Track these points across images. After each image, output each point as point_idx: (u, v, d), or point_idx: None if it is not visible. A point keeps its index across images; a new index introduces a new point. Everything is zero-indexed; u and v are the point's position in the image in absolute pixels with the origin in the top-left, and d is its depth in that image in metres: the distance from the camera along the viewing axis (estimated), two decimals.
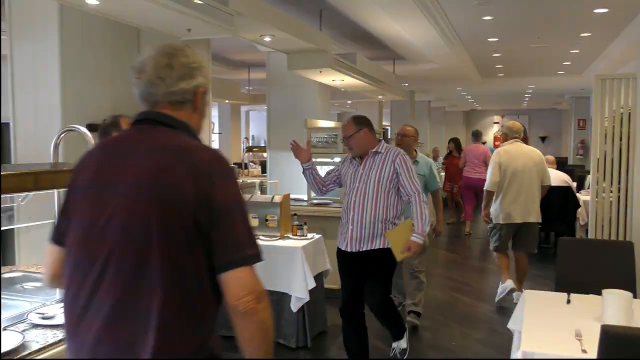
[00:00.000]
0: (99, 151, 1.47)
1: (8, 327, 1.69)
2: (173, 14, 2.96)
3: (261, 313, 1.32)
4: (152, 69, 1.40)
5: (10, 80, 3.64)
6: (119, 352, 1.25)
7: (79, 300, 1.30)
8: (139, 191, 1.29)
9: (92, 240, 1.31)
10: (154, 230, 1.26)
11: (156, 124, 1.41)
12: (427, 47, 7.26)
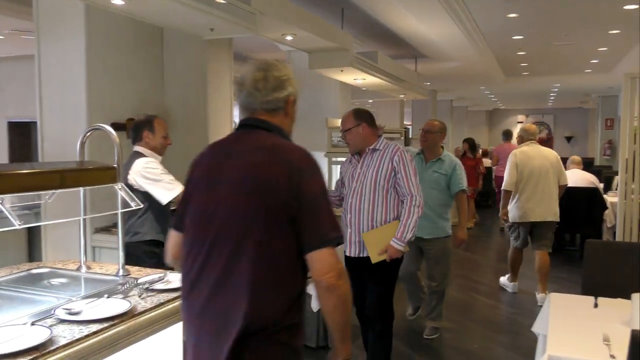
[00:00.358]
0: (210, 151, 1.75)
1: (36, 322, 1.71)
2: (196, 14, 2.98)
3: (341, 288, 1.56)
4: (250, 82, 1.67)
5: (37, 80, 3.71)
6: (221, 313, 1.54)
7: (193, 272, 1.61)
8: (241, 184, 1.57)
9: (203, 225, 1.61)
10: (252, 217, 1.53)
11: (255, 128, 1.68)
12: (450, 45, 7.18)
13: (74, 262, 2.59)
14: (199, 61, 4.17)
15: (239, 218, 1.55)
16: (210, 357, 1.56)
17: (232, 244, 1.55)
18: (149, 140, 3.16)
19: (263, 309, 1.52)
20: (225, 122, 4.43)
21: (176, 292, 2.13)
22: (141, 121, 3.23)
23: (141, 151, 3.15)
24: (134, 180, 3.03)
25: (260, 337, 1.52)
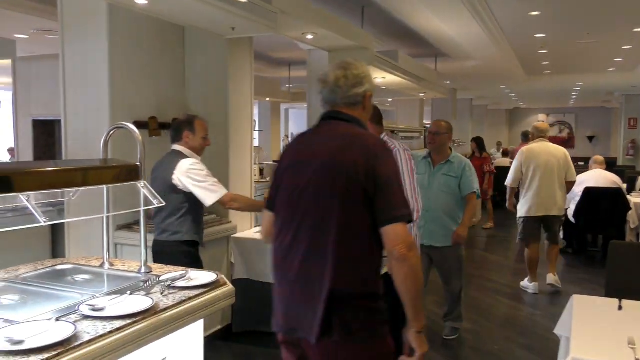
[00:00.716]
0: (297, 139, 2.03)
1: (61, 318, 1.74)
2: (218, 13, 3.00)
3: (411, 259, 1.71)
4: (333, 80, 1.90)
5: (61, 78, 3.76)
6: (310, 282, 1.77)
7: (284, 246, 1.85)
8: (325, 168, 1.80)
9: (293, 204, 1.84)
10: (335, 196, 1.75)
11: (336, 120, 1.92)
12: (470, 43, 7.12)
13: (97, 259, 2.63)
14: (220, 60, 4.19)
15: (323, 197, 1.78)
16: (301, 320, 1.79)
17: (317, 221, 1.78)
18: (189, 140, 3.18)
19: (348, 278, 1.74)
20: (245, 120, 4.45)
21: (197, 289, 2.15)
22: (182, 121, 3.24)
23: (181, 151, 3.17)
24: (179, 180, 3.05)
25: (347, 302, 1.74)
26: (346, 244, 1.75)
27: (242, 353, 3.92)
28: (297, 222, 1.82)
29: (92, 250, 3.54)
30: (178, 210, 3.10)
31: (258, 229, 4.39)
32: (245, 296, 3.91)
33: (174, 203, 3.10)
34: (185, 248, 3.14)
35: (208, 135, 3.28)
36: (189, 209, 3.11)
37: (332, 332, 1.72)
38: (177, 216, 3.12)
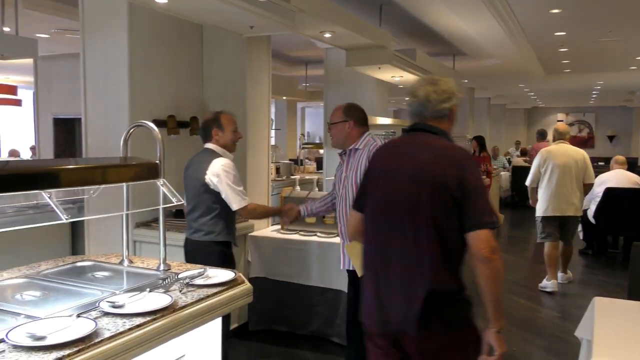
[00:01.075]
0: (385, 149, 2.21)
1: (81, 315, 1.75)
2: (237, 11, 3.00)
3: (495, 262, 1.85)
4: (423, 94, 2.04)
5: (82, 77, 3.80)
6: (408, 280, 1.91)
7: (376, 246, 2.03)
8: (416, 176, 1.94)
9: (385, 208, 2.00)
10: (425, 203, 1.90)
11: (424, 132, 2.05)
12: (489, 42, 7.04)
13: (117, 256, 2.65)
14: (237, 58, 4.20)
15: (415, 203, 1.92)
16: (397, 316, 1.93)
17: (410, 225, 1.93)
18: (219, 137, 3.14)
19: (442, 277, 1.90)
20: (263, 119, 4.46)
21: (215, 287, 2.15)
22: (208, 120, 3.21)
23: (213, 149, 3.14)
24: (210, 180, 3.05)
25: (442, 298, 1.90)
26: (439, 248, 1.90)
27: (258, 351, 3.93)
28: (389, 226, 1.99)
29: (110, 247, 3.58)
30: (211, 210, 3.09)
31: (275, 227, 4.40)
32: (262, 295, 3.92)
33: (207, 202, 3.09)
34: (219, 248, 3.12)
35: (237, 127, 3.24)
36: (222, 209, 3.09)
37: (431, 325, 1.89)
38: (210, 216, 3.10)
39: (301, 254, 4.00)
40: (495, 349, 1.90)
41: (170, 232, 3.42)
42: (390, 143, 2.26)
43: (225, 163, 3.07)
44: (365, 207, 2.10)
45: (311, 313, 4.02)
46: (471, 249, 1.88)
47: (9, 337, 1.54)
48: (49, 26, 6.24)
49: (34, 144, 10.04)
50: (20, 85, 11.28)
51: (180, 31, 4.11)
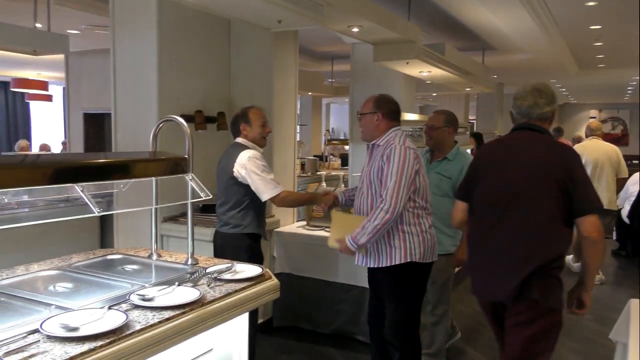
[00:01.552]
0: (495, 144, 2.62)
1: (112, 307, 1.77)
2: (266, 6, 2.99)
3: (602, 243, 2.25)
4: (532, 98, 2.40)
5: (112, 73, 3.84)
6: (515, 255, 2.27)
7: (486, 228, 2.37)
8: (530, 167, 2.29)
9: (496, 196, 2.34)
10: (538, 190, 2.25)
11: (531, 131, 2.40)
12: (520, 36, 6.89)
13: (145, 250, 2.67)
14: (265, 53, 4.19)
15: (529, 190, 2.27)
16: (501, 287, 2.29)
17: (522, 209, 2.27)
18: (247, 132, 3.16)
19: (547, 253, 2.25)
20: (289, 114, 4.45)
21: (243, 282, 2.15)
22: (237, 115, 3.23)
23: (242, 142, 3.16)
24: (238, 172, 3.06)
25: (544, 273, 2.25)
26: (547, 230, 2.25)
27: (282, 347, 3.93)
28: (500, 210, 2.32)
29: (138, 240, 3.61)
30: (240, 203, 3.10)
31: (300, 223, 4.39)
32: (286, 291, 3.91)
33: (236, 195, 3.10)
34: (248, 241, 3.14)
35: (266, 122, 3.23)
36: (250, 202, 3.10)
37: (530, 293, 2.24)
38: (239, 209, 3.11)
39: (326, 251, 3.97)
40: (586, 305, 2.41)
41: (197, 227, 3.44)
42: (499, 140, 2.68)
43: (252, 154, 3.07)
44: (473, 195, 2.45)
45: (335, 311, 4.00)
46: (581, 232, 2.24)
47: (43, 327, 1.56)
48: (80, 22, 6.33)
49: (64, 138, 10.26)
50: (51, 81, 11.52)
51: (208, 26, 4.12)
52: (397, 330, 2.84)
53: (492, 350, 3.97)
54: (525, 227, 2.26)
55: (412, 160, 2.68)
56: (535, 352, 2.31)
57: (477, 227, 2.44)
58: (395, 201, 2.62)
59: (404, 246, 2.72)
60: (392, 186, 2.63)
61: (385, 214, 2.62)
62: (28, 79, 10.16)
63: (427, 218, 2.81)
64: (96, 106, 5.62)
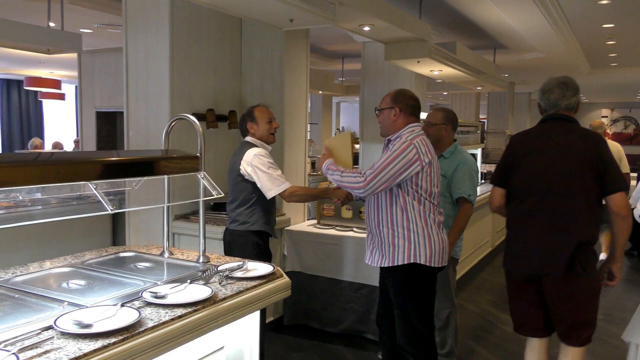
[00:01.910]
0: (525, 134, 2.80)
1: (125, 304, 1.78)
2: (277, 4, 2.99)
3: (630, 218, 2.55)
4: (558, 90, 2.66)
5: (124, 71, 3.87)
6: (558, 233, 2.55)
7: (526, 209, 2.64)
8: (564, 153, 2.57)
9: (535, 179, 2.61)
10: (576, 173, 2.53)
11: (561, 121, 2.66)
12: (532, 34, 6.85)
13: (157, 247, 2.68)
14: (276, 52, 4.20)
15: (568, 173, 2.54)
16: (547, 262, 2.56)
17: (563, 190, 2.54)
18: (254, 130, 3.18)
19: (587, 231, 2.54)
20: (300, 113, 4.45)
21: (254, 280, 2.16)
22: (243, 115, 3.26)
23: (250, 141, 3.18)
24: (244, 170, 3.08)
25: (584, 248, 2.53)
26: (587, 208, 2.53)
27: (293, 345, 3.94)
28: (542, 191, 2.59)
29: (150, 238, 3.64)
30: (247, 201, 3.12)
31: (311, 222, 4.39)
32: (297, 289, 3.92)
33: (243, 193, 3.12)
34: (254, 239, 3.14)
35: (273, 118, 3.24)
36: (258, 199, 3.11)
37: (574, 268, 2.51)
38: (246, 206, 3.12)
39: (337, 249, 3.99)
40: (616, 277, 2.66)
41: (208, 225, 3.46)
42: (527, 132, 2.82)
43: (258, 151, 3.09)
44: (511, 181, 2.71)
45: (345, 310, 3.99)
46: (612, 208, 2.53)
47: (57, 324, 1.57)
48: (93, 21, 6.38)
49: (77, 137, 10.33)
50: (64, 80, 11.62)
51: (220, 25, 4.14)
52: (409, 336, 2.74)
53: (502, 350, 3.95)
54: (568, 207, 2.53)
55: (409, 156, 2.55)
56: (582, 316, 2.62)
57: (519, 211, 2.68)
58: (371, 180, 2.54)
59: (407, 246, 2.63)
60: (378, 166, 2.55)
61: (356, 184, 2.58)
62: (41, 78, 10.25)
63: (436, 219, 2.69)
64: (108, 104, 5.66)
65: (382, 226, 2.68)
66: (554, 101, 2.66)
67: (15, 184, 1.67)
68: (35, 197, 3.98)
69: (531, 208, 2.61)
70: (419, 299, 2.72)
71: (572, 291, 2.56)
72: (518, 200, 2.68)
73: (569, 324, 2.63)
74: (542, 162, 2.60)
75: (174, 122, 2.53)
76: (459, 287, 5.37)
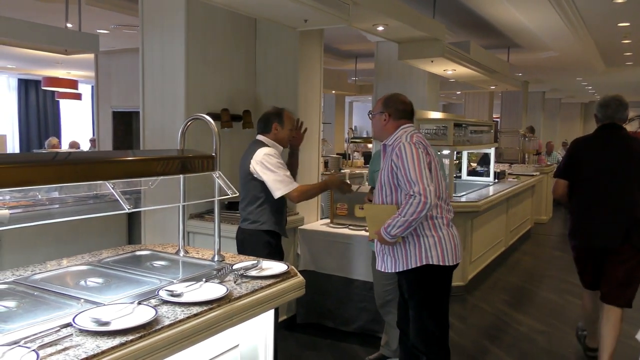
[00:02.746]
0: (589, 138, 3.58)
1: (142, 302, 1.80)
2: (292, 5, 3.00)
3: None
4: (614, 105, 3.42)
5: (141, 71, 3.91)
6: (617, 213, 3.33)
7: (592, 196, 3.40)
8: (622, 153, 3.35)
9: (599, 174, 3.36)
10: (629, 168, 3.31)
11: (615, 129, 3.43)
12: (547, 33, 6.79)
13: (173, 246, 2.71)
14: (290, 52, 4.22)
15: (624, 168, 3.33)
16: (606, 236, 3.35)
17: (621, 181, 3.33)
18: (278, 132, 3.23)
19: (637, 210, 3.31)
20: (314, 113, 4.46)
21: (269, 279, 2.17)
22: (271, 113, 3.28)
23: (263, 140, 3.22)
24: (254, 168, 3.11)
25: (635, 224, 3.29)
26: (636, 193, 3.31)
27: (307, 343, 3.95)
28: (605, 183, 3.35)
29: (165, 236, 3.68)
30: (257, 199, 3.15)
31: (324, 221, 4.41)
32: (310, 288, 3.93)
33: (253, 191, 3.16)
34: (265, 238, 3.17)
35: (295, 127, 3.34)
36: (267, 198, 3.14)
37: (630, 240, 3.29)
38: (256, 204, 3.16)
39: (350, 248, 3.99)
40: None
41: (223, 224, 3.48)
42: (589, 135, 3.61)
43: (268, 151, 3.12)
44: (577, 174, 3.47)
45: (359, 309, 4.00)
46: None
47: (75, 321, 1.60)
48: (109, 22, 6.45)
49: (92, 136, 10.45)
50: (81, 80, 11.76)
51: (235, 26, 4.16)
52: (422, 336, 2.75)
53: (517, 349, 3.93)
54: (624, 193, 3.32)
55: (421, 153, 2.60)
56: (631, 279, 3.37)
57: (583, 198, 3.46)
58: (424, 189, 2.51)
59: (418, 249, 2.64)
60: (415, 176, 2.53)
61: (420, 197, 2.50)
62: (58, 78, 10.39)
63: (444, 217, 2.69)
64: (125, 104, 5.73)
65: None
66: (611, 114, 3.42)
67: (35, 183, 1.70)
68: (53, 196, 4.04)
69: (596, 196, 3.39)
70: (432, 299, 2.73)
71: (626, 257, 3.34)
72: (582, 190, 3.45)
73: (619, 282, 3.37)
74: (604, 159, 3.37)
75: (190, 122, 2.56)
76: (472, 287, 5.35)
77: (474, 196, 5.64)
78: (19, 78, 12.94)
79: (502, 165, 8.78)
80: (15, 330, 1.57)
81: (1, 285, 2.04)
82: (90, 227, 4.20)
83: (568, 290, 5.47)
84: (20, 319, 1.70)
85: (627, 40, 7.78)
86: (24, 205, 3.76)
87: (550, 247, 7.31)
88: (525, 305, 4.98)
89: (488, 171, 7.28)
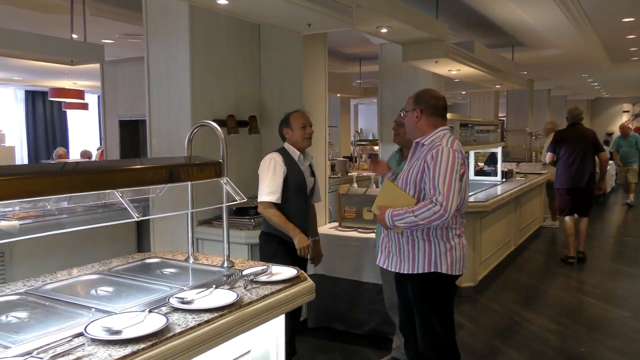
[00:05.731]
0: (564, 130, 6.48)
1: (153, 310, 1.81)
2: (296, 10, 3.01)
3: (607, 162, 6.57)
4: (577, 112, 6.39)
5: (146, 80, 3.93)
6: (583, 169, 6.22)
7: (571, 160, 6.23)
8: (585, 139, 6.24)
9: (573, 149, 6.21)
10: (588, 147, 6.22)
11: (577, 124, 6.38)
12: (551, 31, 6.77)
13: (182, 253, 2.72)
14: (294, 56, 4.22)
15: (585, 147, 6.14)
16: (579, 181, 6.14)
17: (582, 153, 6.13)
18: (289, 136, 3.30)
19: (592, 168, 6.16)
20: (320, 116, 4.46)
21: (279, 284, 2.17)
22: (280, 121, 3.38)
23: (284, 146, 3.32)
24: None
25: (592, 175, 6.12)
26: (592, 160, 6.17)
27: (318, 347, 3.94)
28: (575, 154, 6.09)
29: (174, 244, 3.68)
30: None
31: (333, 224, 4.40)
32: (320, 292, 3.92)
33: None
34: (269, 240, 3.28)
35: (308, 124, 3.31)
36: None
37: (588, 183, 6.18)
38: None
39: (359, 251, 3.99)
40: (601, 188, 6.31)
41: (231, 230, 3.48)
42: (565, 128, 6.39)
43: (268, 156, 3.23)
44: (560, 150, 6.20)
45: (369, 312, 3.99)
46: (601, 157, 6.23)
47: (87, 330, 1.60)
48: (114, 32, 6.49)
49: (100, 145, 10.50)
50: (87, 90, 11.83)
51: (239, 31, 4.18)
52: (430, 342, 2.69)
53: (528, 349, 3.91)
54: (584, 158, 6.05)
55: (459, 165, 2.50)
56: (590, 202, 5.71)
57: (564, 162, 6.16)
58: (447, 202, 2.41)
59: (428, 256, 2.58)
60: (444, 187, 2.44)
61: (438, 207, 2.41)
62: (65, 89, 10.46)
63: (457, 227, 2.64)
64: (131, 113, 5.75)
65: (402, 234, 2.63)
66: (577, 116, 6.27)
67: (44, 194, 1.71)
68: (62, 206, 4.05)
69: (570, 161, 6.05)
70: (439, 305, 2.68)
71: (587, 193, 6.10)
72: (564, 158, 6.16)
73: (585, 207, 6.27)
74: (576, 143, 6.09)
75: (196, 129, 2.57)
76: (482, 287, 5.32)
77: (482, 196, 5.62)
78: (26, 90, 13.04)
79: (510, 164, 8.74)
80: (27, 340, 1.58)
81: (13, 296, 2.05)
82: (99, 236, 4.22)
83: (580, 289, 5.43)
84: (33, 329, 1.71)
85: (632, 36, 7.72)
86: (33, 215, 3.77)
87: (560, 245, 7.26)
88: (536, 304, 4.95)
89: (495, 170, 7.25)
